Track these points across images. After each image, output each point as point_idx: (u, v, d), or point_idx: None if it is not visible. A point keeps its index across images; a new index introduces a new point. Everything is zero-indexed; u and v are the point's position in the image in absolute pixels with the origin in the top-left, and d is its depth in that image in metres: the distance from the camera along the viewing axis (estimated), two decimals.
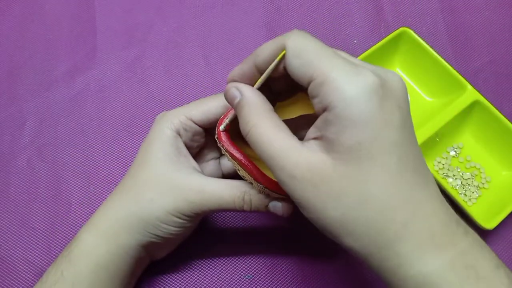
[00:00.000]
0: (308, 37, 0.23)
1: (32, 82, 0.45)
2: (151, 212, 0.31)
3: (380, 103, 0.21)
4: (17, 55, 0.46)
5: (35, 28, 0.48)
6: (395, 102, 0.22)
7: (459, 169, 0.43)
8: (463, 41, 0.49)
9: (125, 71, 0.46)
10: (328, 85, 0.21)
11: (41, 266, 0.38)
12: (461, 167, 0.43)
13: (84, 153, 0.43)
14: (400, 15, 0.49)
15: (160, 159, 0.31)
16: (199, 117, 0.33)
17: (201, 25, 0.48)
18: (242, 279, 0.38)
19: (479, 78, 0.47)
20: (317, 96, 0.22)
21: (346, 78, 0.21)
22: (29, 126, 0.44)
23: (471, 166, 0.43)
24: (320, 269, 0.39)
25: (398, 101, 0.22)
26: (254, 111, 0.24)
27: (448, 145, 0.44)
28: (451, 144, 0.44)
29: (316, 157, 0.22)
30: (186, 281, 0.38)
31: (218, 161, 0.37)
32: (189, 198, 0.30)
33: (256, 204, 0.31)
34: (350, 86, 0.21)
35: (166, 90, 0.45)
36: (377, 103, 0.21)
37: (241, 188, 0.30)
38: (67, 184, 0.41)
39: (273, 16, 0.49)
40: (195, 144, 0.34)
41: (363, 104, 0.21)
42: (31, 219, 0.40)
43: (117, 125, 0.44)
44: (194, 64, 0.47)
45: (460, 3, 0.50)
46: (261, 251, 0.39)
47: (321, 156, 0.22)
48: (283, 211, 0.30)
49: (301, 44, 0.23)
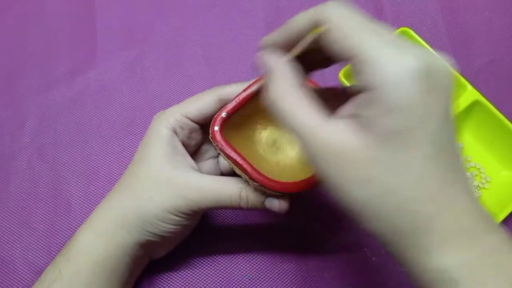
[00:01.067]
0: (348, 9, 0.22)
1: (32, 82, 0.45)
2: (148, 210, 0.31)
3: (425, 89, 0.20)
4: (17, 55, 0.46)
5: (35, 28, 0.48)
6: (440, 91, 0.20)
7: None
8: (463, 41, 0.49)
9: (125, 71, 0.46)
10: (371, 65, 0.20)
11: (41, 266, 0.38)
12: None
13: (84, 153, 0.43)
14: (400, 15, 0.49)
15: (157, 157, 0.31)
16: (195, 113, 0.33)
17: (201, 25, 0.48)
18: (242, 279, 0.38)
19: (479, 78, 0.47)
20: (359, 74, 0.21)
21: (390, 60, 0.20)
22: (29, 126, 0.44)
23: (471, 166, 0.43)
24: (320, 269, 0.39)
25: (443, 90, 0.21)
26: (282, 83, 0.23)
27: None
28: None
29: (346, 137, 0.21)
30: (185, 280, 0.38)
31: (216, 159, 0.37)
32: (186, 195, 0.30)
33: (253, 201, 0.31)
34: (395, 69, 0.19)
35: (166, 90, 0.45)
36: (422, 89, 0.20)
37: (237, 185, 0.31)
38: (67, 184, 0.41)
39: (273, 16, 0.49)
40: (193, 142, 0.34)
41: (407, 89, 0.19)
42: (31, 219, 0.40)
43: (117, 125, 0.44)
44: (194, 64, 0.47)
45: (460, 3, 0.50)
46: (261, 251, 0.39)
47: (352, 136, 0.21)
48: (280, 208, 0.31)
49: (341, 17, 0.21)
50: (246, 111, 0.32)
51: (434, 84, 0.20)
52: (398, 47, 0.20)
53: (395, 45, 0.20)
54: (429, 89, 0.20)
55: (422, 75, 0.20)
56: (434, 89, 0.20)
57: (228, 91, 0.33)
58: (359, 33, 0.21)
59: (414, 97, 0.20)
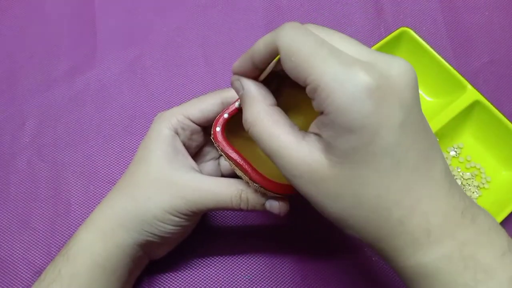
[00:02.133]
0: (299, 34, 0.22)
1: (32, 82, 0.45)
2: (147, 210, 0.31)
3: (376, 105, 0.20)
4: (17, 55, 0.46)
5: (35, 28, 0.48)
6: (396, 99, 0.21)
7: (459, 169, 0.43)
8: (463, 41, 0.49)
9: (125, 71, 0.46)
10: (321, 91, 0.21)
11: (41, 266, 0.38)
12: (461, 167, 0.43)
13: (84, 153, 0.43)
14: (400, 15, 0.49)
15: (158, 157, 0.31)
16: (197, 115, 0.33)
17: (201, 25, 0.48)
18: (242, 279, 0.38)
19: (479, 78, 0.47)
20: (313, 99, 0.22)
21: (339, 83, 0.20)
22: (29, 126, 0.44)
23: (471, 166, 0.43)
24: (320, 269, 0.39)
25: (399, 97, 0.21)
26: (254, 107, 0.24)
27: (448, 145, 0.44)
28: (451, 144, 0.44)
29: (314, 157, 0.22)
30: (185, 281, 0.38)
31: (217, 161, 0.37)
32: (186, 196, 0.30)
33: (253, 203, 0.31)
34: (343, 92, 0.20)
35: (166, 90, 0.45)
36: (372, 105, 0.20)
37: (238, 186, 0.31)
38: (67, 184, 0.41)
39: (273, 16, 0.49)
40: (194, 143, 0.34)
41: (356, 110, 0.20)
42: (31, 219, 0.40)
43: (117, 125, 0.44)
44: (194, 64, 0.47)
45: (460, 3, 0.50)
46: (261, 251, 0.39)
47: (318, 156, 0.22)
48: (280, 210, 0.31)
49: (292, 45, 0.22)
50: None
51: (389, 94, 0.21)
52: (347, 68, 0.20)
53: (344, 67, 0.20)
54: (382, 103, 0.20)
55: (372, 91, 0.20)
56: (388, 100, 0.21)
57: (231, 95, 0.33)
58: (311, 59, 0.21)
59: (365, 116, 0.20)
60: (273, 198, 0.31)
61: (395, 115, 0.21)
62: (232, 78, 0.27)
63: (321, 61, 0.21)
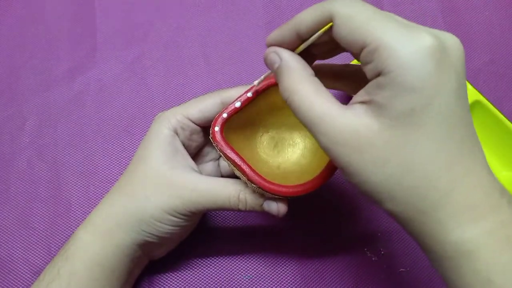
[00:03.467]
0: (354, 1, 0.22)
1: (32, 82, 0.45)
2: (145, 210, 0.31)
3: (437, 68, 0.20)
4: (17, 55, 0.46)
5: (35, 28, 0.48)
6: (452, 66, 0.21)
7: None
8: (463, 41, 0.48)
9: (125, 71, 0.46)
10: (382, 51, 0.20)
11: (41, 266, 0.38)
12: None
13: (84, 153, 0.43)
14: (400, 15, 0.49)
15: (157, 157, 0.31)
16: (196, 115, 0.33)
17: (201, 25, 0.48)
18: (242, 279, 0.38)
19: (479, 78, 0.47)
20: (371, 62, 0.21)
21: (402, 42, 0.20)
22: (29, 126, 0.44)
23: None
24: (320, 269, 0.39)
25: (455, 65, 0.21)
26: (295, 76, 0.24)
27: None
28: None
29: (361, 122, 0.22)
30: (185, 281, 0.38)
31: (217, 162, 0.37)
32: (184, 196, 0.30)
33: (251, 203, 0.31)
34: (405, 50, 0.20)
35: (166, 90, 0.45)
36: (434, 67, 0.20)
37: (236, 187, 0.31)
38: (67, 184, 0.41)
39: (273, 16, 0.49)
40: (194, 143, 0.34)
41: (419, 69, 0.20)
42: (31, 219, 0.40)
43: (117, 125, 0.44)
44: (194, 64, 0.47)
45: (460, 3, 0.50)
46: (261, 251, 0.39)
47: (367, 120, 0.21)
48: (278, 211, 0.31)
49: (350, 10, 0.22)
50: (248, 113, 0.32)
51: (447, 60, 0.21)
52: (408, 29, 0.21)
53: (405, 28, 0.21)
54: (442, 66, 0.21)
55: (434, 52, 0.20)
56: (447, 66, 0.21)
57: (231, 95, 0.33)
58: (371, 23, 0.21)
59: (427, 76, 0.20)
60: (271, 199, 0.31)
61: (452, 81, 0.21)
62: (268, 50, 0.26)
63: (382, 23, 0.21)
